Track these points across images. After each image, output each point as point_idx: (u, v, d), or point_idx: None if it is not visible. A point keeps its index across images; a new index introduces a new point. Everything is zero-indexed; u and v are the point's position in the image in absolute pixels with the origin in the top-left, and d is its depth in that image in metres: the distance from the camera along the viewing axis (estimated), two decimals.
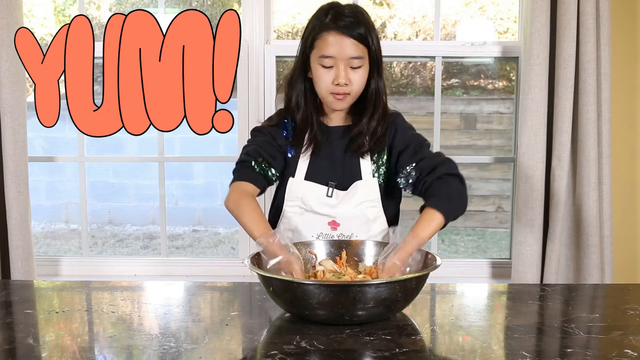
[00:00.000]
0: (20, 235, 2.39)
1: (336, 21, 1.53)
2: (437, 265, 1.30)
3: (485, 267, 2.68)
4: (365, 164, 1.64)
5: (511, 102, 3.25)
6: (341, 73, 1.54)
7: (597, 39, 2.32)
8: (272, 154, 1.63)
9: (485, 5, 3.34)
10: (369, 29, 1.55)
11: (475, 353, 1.12)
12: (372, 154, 1.65)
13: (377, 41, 1.58)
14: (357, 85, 1.57)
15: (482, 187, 4.32)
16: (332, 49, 1.53)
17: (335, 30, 1.53)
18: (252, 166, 1.61)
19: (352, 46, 1.53)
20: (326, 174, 1.63)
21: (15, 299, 1.46)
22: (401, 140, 1.63)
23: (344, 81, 1.54)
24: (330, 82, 1.55)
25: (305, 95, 1.64)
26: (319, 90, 1.60)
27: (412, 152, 1.60)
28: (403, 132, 1.64)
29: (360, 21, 1.54)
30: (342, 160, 1.65)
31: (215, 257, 3.76)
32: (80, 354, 1.13)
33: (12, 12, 2.29)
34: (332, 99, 1.58)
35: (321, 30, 1.55)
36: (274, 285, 1.25)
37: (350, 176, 1.64)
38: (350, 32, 1.52)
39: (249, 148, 1.65)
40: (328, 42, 1.53)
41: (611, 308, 1.41)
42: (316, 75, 1.58)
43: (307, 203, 1.62)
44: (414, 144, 1.61)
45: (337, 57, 1.53)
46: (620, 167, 2.52)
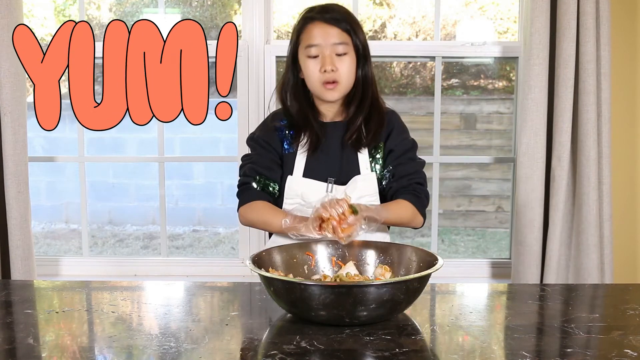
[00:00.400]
0: (20, 235, 2.39)
1: (319, 13, 1.61)
2: (439, 265, 1.30)
3: (485, 267, 2.68)
4: (363, 159, 1.66)
5: (511, 102, 3.25)
6: (327, 59, 1.58)
7: (597, 39, 2.32)
8: (269, 166, 1.67)
9: (485, 5, 3.34)
10: (351, 21, 1.61)
11: (475, 353, 1.12)
12: (370, 148, 1.67)
13: (362, 34, 1.63)
14: (344, 73, 1.60)
15: (482, 187, 4.32)
16: (317, 37, 1.59)
17: (319, 21, 1.60)
18: (253, 187, 1.66)
19: (335, 34, 1.59)
20: (324, 170, 1.65)
21: (15, 299, 1.46)
22: (394, 142, 1.68)
23: (330, 67, 1.58)
24: (318, 70, 1.59)
25: (299, 94, 1.67)
26: (310, 83, 1.64)
27: (396, 155, 1.67)
28: (398, 133, 1.69)
29: (344, 14, 1.61)
30: (340, 155, 1.66)
31: (215, 257, 3.77)
32: (80, 354, 1.13)
33: (12, 12, 2.29)
34: (323, 89, 1.61)
35: (306, 23, 1.62)
36: (274, 285, 1.25)
37: (348, 171, 1.66)
38: (333, 21, 1.59)
39: (245, 168, 1.69)
40: (312, 32, 1.60)
41: (611, 308, 1.41)
42: (305, 68, 1.62)
43: (307, 200, 1.63)
44: (403, 149, 1.68)
45: (321, 44, 1.59)
46: (620, 167, 2.52)
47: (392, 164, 1.66)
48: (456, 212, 4.44)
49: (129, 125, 1.32)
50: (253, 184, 1.66)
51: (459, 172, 4.24)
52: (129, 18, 3.46)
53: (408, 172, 1.66)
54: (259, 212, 1.63)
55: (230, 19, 3.49)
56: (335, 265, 1.49)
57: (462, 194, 4.31)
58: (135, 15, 3.33)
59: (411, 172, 1.66)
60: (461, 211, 4.43)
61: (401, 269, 1.45)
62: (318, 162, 1.66)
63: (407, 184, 1.64)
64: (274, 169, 1.67)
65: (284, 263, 1.46)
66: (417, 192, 1.64)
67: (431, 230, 2.72)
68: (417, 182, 1.65)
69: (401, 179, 1.65)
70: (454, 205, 4.40)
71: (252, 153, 1.71)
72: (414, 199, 1.63)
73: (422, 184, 1.67)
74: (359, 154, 1.66)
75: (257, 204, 1.64)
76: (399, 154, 1.67)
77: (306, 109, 1.66)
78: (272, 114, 1.74)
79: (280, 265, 1.45)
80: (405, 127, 1.73)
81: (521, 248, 2.43)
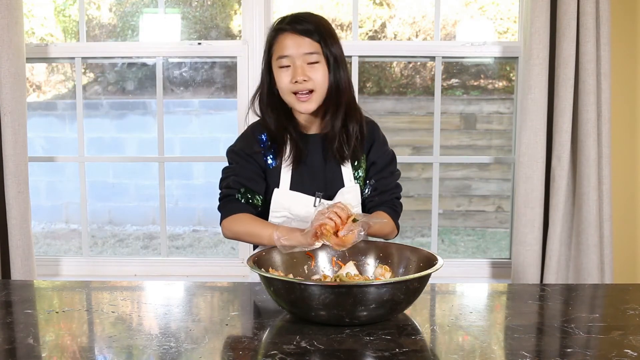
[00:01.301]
0: (20, 235, 2.39)
1: (290, 24, 1.59)
2: (439, 265, 1.30)
3: (485, 267, 2.68)
4: (346, 171, 1.68)
5: (511, 102, 3.25)
6: (298, 69, 1.57)
7: (597, 39, 2.32)
8: (253, 178, 1.64)
9: (485, 5, 3.34)
10: (321, 29, 1.59)
11: (475, 353, 1.12)
12: (352, 160, 1.68)
13: (335, 43, 1.61)
14: (317, 81, 1.59)
15: (482, 187, 4.32)
16: (288, 48, 1.58)
17: (288, 32, 1.59)
18: (237, 199, 1.63)
19: (306, 44, 1.58)
20: (311, 184, 1.65)
21: (15, 299, 1.46)
22: (376, 154, 1.71)
23: (302, 78, 1.57)
24: (289, 81, 1.58)
25: (276, 106, 1.66)
26: (283, 94, 1.63)
27: (379, 168, 1.70)
28: (379, 146, 1.72)
29: (313, 22, 1.59)
30: (324, 168, 1.67)
31: (215, 257, 3.75)
32: (80, 354, 1.13)
33: (12, 12, 2.29)
34: (295, 99, 1.60)
35: (277, 34, 1.61)
36: (274, 285, 1.25)
37: (332, 183, 1.67)
38: (303, 31, 1.57)
39: (229, 180, 1.65)
40: (283, 43, 1.59)
41: (611, 308, 1.41)
42: (277, 79, 1.62)
43: (294, 213, 1.62)
44: (384, 161, 1.71)
45: (292, 55, 1.58)
46: (620, 167, 2.52)
47: (374, 177, 1.70)
48: (456, 212, 4.45)
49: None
50: (237, 195, 1.63)
51: (459, 172, 4.24)
52: (128, 18, 3.47)
53: (389, 187, 1.71)
54: (245, 225, 1.59)
55: (230, 19, 3.49)
56: (335, 265, 1.49)
57: (462, 194, 4.31)
58: (135, 15, 3.33)
59: (392, 187, 1.71)
60: (461, 211, 4.43)
61: (401, 269, 1.45)
62: (302, 175, 1.66)
63: (388, 199, 1.70)
64: (257, 181, 1.65)
65: (284, 263, 1.46)
66: (395, 206, 1.71)
67: (431, 230, 2.72)
68: (396, 197, 1.72)
69: (383, 194, 1.70)
70: (454, 205, 4.40)
71: (234, 165, 1.67)
72: (394, 214, 1.70)
73: (399, 197, 1.75)
74: (342, 166, 1.67)
75: (242, 216, 1.61)
76: (381, 167, 1.71)
77: (284, 121, 1.66)
78: (252, 127, 1.72)
79: (280, 265, 1.45)
80: (385, 138, 1.76)
81: (521, 248, 2.43)
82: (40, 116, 4.56)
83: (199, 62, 4.05)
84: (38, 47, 2.57)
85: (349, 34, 3.50)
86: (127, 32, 3.53)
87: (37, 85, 4.41)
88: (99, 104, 4.51)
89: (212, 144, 4.55)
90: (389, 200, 1.70)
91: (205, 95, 4.41)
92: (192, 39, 3.25)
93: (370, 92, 3.90)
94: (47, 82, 4.46)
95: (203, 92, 4.37)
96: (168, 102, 4.42)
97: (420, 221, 4.36)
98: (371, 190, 1.70)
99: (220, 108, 4.58)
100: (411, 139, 3.90)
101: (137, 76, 4.38)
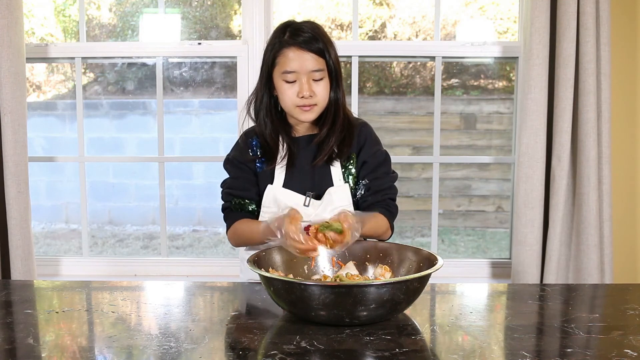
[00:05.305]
0: (20, 235, 2.39)
1: (295, 37, 1.60)
2: (439, 265, 1.30)
3: (485, 267, 2.68)
4: (335, 171, 1.69)
5: (511, 102, 3.25)
6: (304, 86, 1.60)
7: (597, 39, 2.32)
8: (244, 187, 1.72)
9: (485, 5, 3.34)
10: (326, 43, 1.62)
11: (475, 353, 1.12)
12: (341, 160, 1.70)
13: (334, 55, 1.65)
14: (321, 96, 1.63)
15: (482, 187, 4.32)
16: (294, 63, 1.60)
17: (294, 46, 1.60)
18: (232, 210, 1.73)
19: (312, 60, 1.60)
20: (302, 184, 1.69)
21: (15, 299, 1.46)
22: (367, 154, 1.71)
23: (308, 93, 1.60)
24: (295, 95, 1.62)
25: (272, 111, 1.70)
26: (285, 105, 1.66)
27: (371, 167, 1.70)
28: (370, 145, 1.72)
29: (318, 36, 1.61)
30: (313, 169, 1.70)
31: (215, 257, 3.75)
32: (80, 354, 1.13)
33: (12, 12, 2.29)
34: (299, 111, 1.64)
35: (281, 47, 1.62)
36: (274, 285, 1.25)
37: (321, 183, 1.69)
38: (309, 46, 1.59)
39: (223, 192, 1.75)
40: (289, 57, 1.60)
41: (611, 308, 1.41)
42: (280, 91, 1.64)
43: (285, 210, 1.65)
44: (377, 161, 1.71)
45: (299, 71, 1.60)
46: (620, 167, 2.52)
47: (367, 177, 1.70)
48: (456, 212, 4.44)
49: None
50: (231, 207, 1.73)
51: (459, 172, 4.24)
52: (128, 18, 3.47)
53: (383, 187, 1.70)
54: (242, 231, 1.69)
55: (230, 19, 3.49)
56: (335, 265, 1.49)
57: (462, 194, 4.31)
58: (135, 15, 3.33)
59: (386, 188, 1.71)
60: (461, 211, 4.43)
61: (401, 269, 1.45)
62: (292, 175, 1.69)
63: (382, 199, 1.70)
64: (249, 189, 1.72)
65: (284, 263, 1.46)
66: (390, 207, 1.71)
67: (431, 230, 2.72)
68: (390, 198, 1.72)
69: (376, 194, 1.70)
70: (454, 205, 4.39)
71: (228, 178, 1.77)
72: (388, 214, 1.69)
73: (394, 199, 1.74)
74: (331, 166, 1.70)
75: (238, 224, 1.70)
76: (374, 167, 1.71)
77: (279, 129, 1.70)
78: (245, 133, 1.78)
79: (280, 265, 1.45)
80: (378, 139, 1.77)
81: (521, 248, 2.43)
82: (40, 116, 4.56)
83: (199, 62, 4.05)
84: (38, 47, 2.57)
85: (349, 34, 3.50)
86: (127, 32, 3.53)
87: (37, 85, 4.41)
88: (99, 104, 4.51)
89: (212, 144, 4.54)
90: (383, 200, 1.70)
91: (205, 95, 4.41)
92: (192, 39, 3.25)
93: (370, 92, 3.90)
94: (47, 82, 4.45)
95: (203, 92, 4.37)
96: (168, 102, 4.42)
97: (420, 221, 4.36)
98: (364, 190, 1.70)
99: (220, 108, 4.57)
100: (411, 139, 3.90)
101: (137, 76, 4.37)
